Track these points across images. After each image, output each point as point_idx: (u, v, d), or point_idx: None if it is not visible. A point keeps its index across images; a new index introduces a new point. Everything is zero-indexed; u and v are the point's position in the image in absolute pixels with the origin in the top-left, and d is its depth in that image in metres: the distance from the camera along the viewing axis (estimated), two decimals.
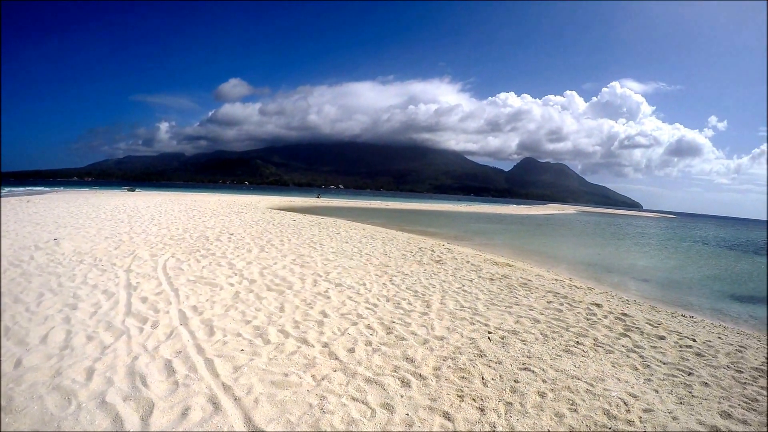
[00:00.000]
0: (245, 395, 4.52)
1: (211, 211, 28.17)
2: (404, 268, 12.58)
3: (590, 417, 4.78)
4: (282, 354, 5.63)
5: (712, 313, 12.75)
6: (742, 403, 5.59)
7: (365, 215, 43.01)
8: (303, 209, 44.85)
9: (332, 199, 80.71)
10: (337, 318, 7.34)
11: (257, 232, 17.80)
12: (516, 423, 4.50)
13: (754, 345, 8.69)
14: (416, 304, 8.78)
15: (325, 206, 57.35)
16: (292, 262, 11.84)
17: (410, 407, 4.58)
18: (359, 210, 54.44)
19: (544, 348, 6.88)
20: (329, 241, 17.06)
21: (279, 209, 39.45)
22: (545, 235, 39.55)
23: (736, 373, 6.69)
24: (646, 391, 5.68)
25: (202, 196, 53.64)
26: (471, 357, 6.15)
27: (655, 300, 13.53)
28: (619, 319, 9.26)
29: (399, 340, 6.57)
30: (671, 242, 42.96)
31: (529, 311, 9.08)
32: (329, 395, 4.65)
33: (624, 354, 7.07)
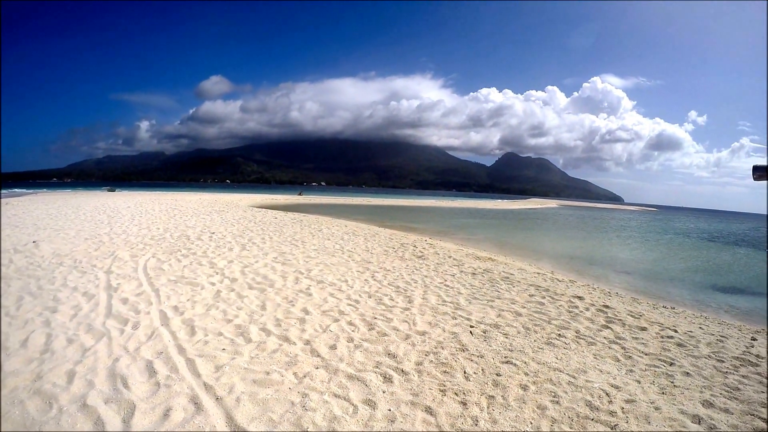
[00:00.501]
0: (227, 394, 4.50)
1: (192, 210, 28.02)
2: (386, 264, 12.60)
3: (572, 408, 4.81)
4: (264, 352, 5.61)
5: (693, 304, 12.86)
6: (724, 392, 5.65)
7: (347, 212, 43.00)
8: (285, 207, 44.75)
9: (314, 196, 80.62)
10: (318, 315, 7.33)
11: (238, 231, 17.74)
12: (498, 416, 4.53)
13: (734, 335, 8.79)
14: (398, 299, 8.79)
15: (308, 203, 57.28)
16: (273, 260, 11.81)
17: (392, 403, 4.59)
18: (341, 207, 54.42)
19: (526, 341, 6.92)
20: (311, 238, 17.04)
21: (261, 207, 39.33)
22: (527, 229, 39.71)
23: (717, 363, 6.77)
24: (628, 381, 5.72)
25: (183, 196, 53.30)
26: (453, 351, 6.17)
27: (636, 292, 13.65)
28: (601, 311, 9.32)
29: (381, 335, 6.57)
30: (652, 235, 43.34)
31: (511, 305, 9.12)
32: (311, 392, 4.65)
33: (606, 345, 7.12)
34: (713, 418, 4.87)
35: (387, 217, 40.20)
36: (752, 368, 6.70)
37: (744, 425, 4.81)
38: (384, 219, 36.43)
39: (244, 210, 31.30)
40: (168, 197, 46.39)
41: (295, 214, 31.37)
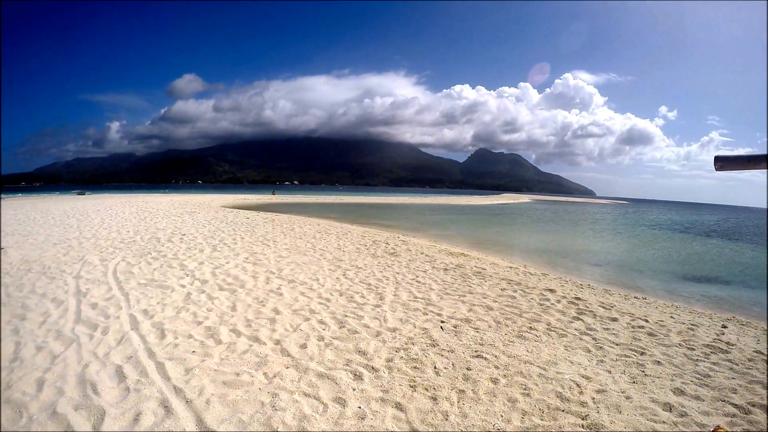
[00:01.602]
0: (197, 397, 4.48)
1: (163, 212, 27.76)
2: (358, 261, 12.61)
3: (543, 400, 4.85)
4: (234, 353, 5.59)
5: (665, 294, 13.04)
6: (695, 379, 5.74)
7: (320, 210, 42.93)
8: (257, 207, 44.53)
9: (287, 196, 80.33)
10: (289, 314, 7.31)
11: (210, 232, 17.65)
12: (469, 410, 4.55)
13: (705, 323, 8.95)
14: (369, 297, 8.80)
15: (280, 203, 57.11)
16: (244, 260, 11.76)
17: (362, 400, 4.60)
18: (314, 205, 54.29)
19: (497, 335, 6.96)
20: (283, 237, 17.00)
21: (233, 207, 39.15)
22: (500, 224, 39.93)
23: (688, 351, 6.87)
24: (599, 372, 5.79)
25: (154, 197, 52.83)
26: (423, 347, 6.19)
27: (608, 283, 13.81)
28: (573, 303, 9.41)
29: (351, 333, 6.58)
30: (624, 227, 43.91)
31: (483, 299, 9.17)
32: (281, 392, 4.64)
33: (577, 337, 7.19)
34: (684, 406, 4.94)
35: (360, 214, 40.19)
36: (723, 355, 6.82)
37: (715, 411, 4.89)
38: (357, 217, 36.43)
39: (216, 211, 31.13)
40: (139, 199, 45.96)
41: (268, 213, 31.30)
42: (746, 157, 2.11)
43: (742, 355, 6.93)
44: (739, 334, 8.31)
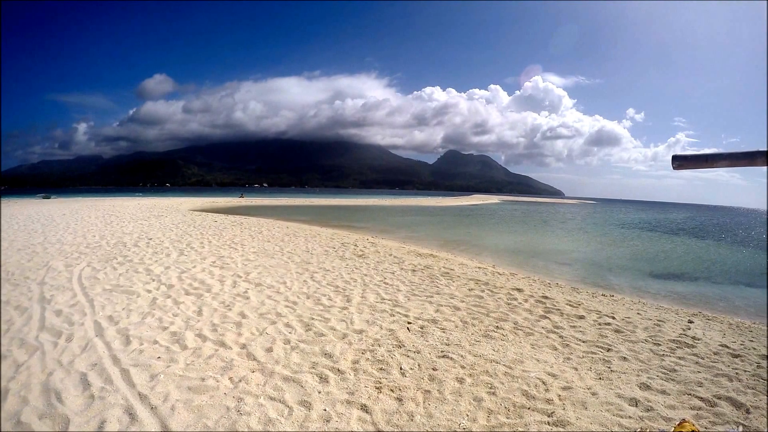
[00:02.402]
0: (162, 403, 4.45)
1: (129, 216, 27.45)
2: (326, 264, 12.61)
3: (509, 399, 4.90)
4: (199, 359, 5.55)
5: (632, 291, 13.25)
6: (661, 374, 5.85)
7: (290, 213, 42.82)
8: (226, 209, 44.29)
9: (256, 198, 79.91)
10: (255, 318, 7.28)
11: (177, 236, 17.50)
12: (434, 410, 4.58)
13: (672, 318, 9.12)
14: (337, 299, 8.81)
15: (249, 205, 56.81)
16: (211, 264, 11.70)
17: (328, 402, 4.60)
18: (284, 208, 54.12)
19: (464, 335, 7.01)
20: (251, 240, 16.95)
21: (201, 211, 38.84)
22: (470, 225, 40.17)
23: (654, 346, 7.00)
24: (565, 369, 5.86)
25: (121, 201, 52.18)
26: (389, 348, 6.22)
27: (577, 282, 13.99)
28: (540, 302, 9.52)
29: (318, 336, 6.58)
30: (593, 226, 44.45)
31: (450, 299, 9.24)
32: (246, 396, 4.62)
33: (543, 335, 7.27)
34: (650, 400, 5.02)
35: (329, 217, 40.15)
36: (688, 350, 6.96)
37: (681, 405, 4.97)
38: (326, 219, 36.39)
39: (184, 214, 30.86)
40: (105, 203, 45.39)
41: (236, 216, 31.16)
42: (703, 156, 2.18)
43: (708, 349, 7.08)
44: (705, 329, 8.49)
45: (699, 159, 2.20)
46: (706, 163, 2.17)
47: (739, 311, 11.81)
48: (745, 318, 10.77)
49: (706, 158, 2.18)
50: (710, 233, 43.70)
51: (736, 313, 11.35)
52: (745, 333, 8.71)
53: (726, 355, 6.86)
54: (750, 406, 5.02)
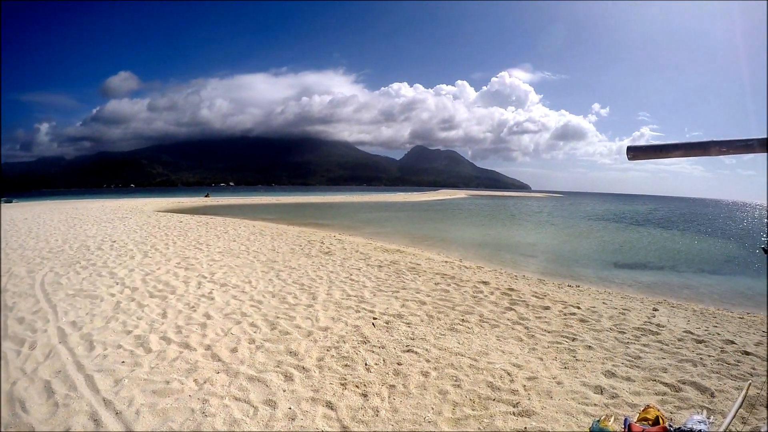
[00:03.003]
0: (126, 408, 4.41)
1: (93, 218, 27.03)
2: (292, 262, 12.59)
3: (474, 391, 4.94)
4: (164, 361, 5.52)
5: (598, 281, 13.46)
6: (626, 361, 5.96)
7: (256, 212, 42.59)
8: (191, 210, 43.91)
9: (222, 198, 79.29)
10: (220, 319, 7.25)
11: (141, 237, 17.31)
12: (399, 405, 4.61)
13: (637, 307, 9.30)
14: (302, 297, 8.81)
15: (215, 205, 56.37)
16: (176, 265, 11.60)
17: (293, 401, 4.61)
18: (250, 207, 53.82)
19: (429, 329, 7.06)
20: (216, 240, 16.87)
21: (166, 211, 38.41)
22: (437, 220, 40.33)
23: (619, 334, 7.14)
24: (530, 360, 5.94)
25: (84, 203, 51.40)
26: (354, 344, 6.25)
27: (543, 274, 14.15)
28: (506, 294, 9.61)
29: (283, 334, 6.58)
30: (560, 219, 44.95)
31: (416, 294, 9.30)
32: (211, 398, 4.61)
33: (509, 327, 7.35)
34: (615, 387, 5.10)
35: (296, 215, 40.08)
36: (653, 336, 7.11)
37: (646, 391, 5.07)
38: (293, 217, 36.31)
39: (149, 215, 30.48)
40: (68, 206, 44.65)
41: (202, 216, 30.91)
42: (657, 146, 2.24)
43: (672, 335, 7.23)
44: (670, 316, 8.66)
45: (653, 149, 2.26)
46: (660, 153, 2.23)
47: (704, 298, 12.07)
48: (709, 304, 11.02)
49: (661, 148, 2.24)
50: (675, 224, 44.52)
51: (700, 300, 11.60)
52: (709, 319, 8.91)
53: (690, 341, 7.01)
54: (714, 390, 5.13)
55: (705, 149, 2.10)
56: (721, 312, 9.93)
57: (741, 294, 13.13)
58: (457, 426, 4.31)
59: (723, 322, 8.77)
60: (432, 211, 55.09)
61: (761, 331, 8.14)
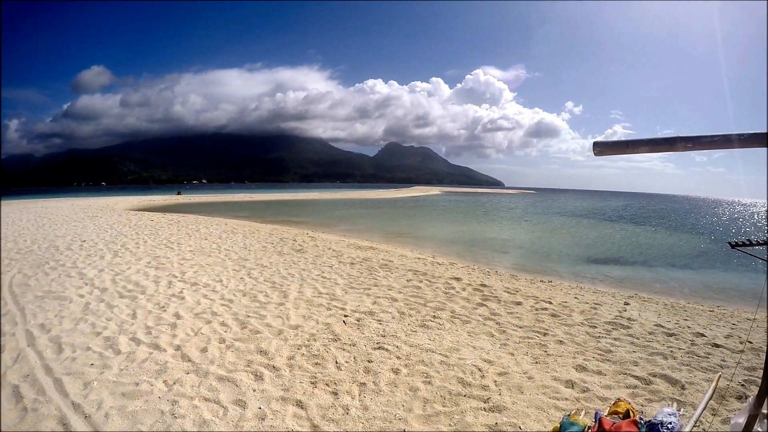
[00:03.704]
0: (95, 411, 4.37)
1: (63, 217, 26.60)
2: (263, 260, 12.56)
3: (445, 387, 4.98)
4: (133, 363, 5.47)
5: (571, 277, 13.61)
6: (597, 355, 6.05)
7: (229, 209, 42.32)
8: (163, 208, 43.45)
9: (194, 195, 78.51)
10: (190, 318, 7.21)
11: (111, 237, 17.11)
12: (370, 402, 4.63)
13: (608, 301, 9.42)
14: (273, 295, 8.79)
15: (187, 203, 55.91)
16: (146, 265, 11.50)
17: (263, 400, 4.61)
18: (223, 204, 53.52)
19: (400, 325, 7.10)
20: (188, 239, 16.76)
21: (137, 210, 38.00)
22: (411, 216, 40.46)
23: (590, 329, 7.24)
24: (502, 355, 5.99)
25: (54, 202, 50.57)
26: (325, 342, 6.25)
27: (516, 269, 14.27)
28: (478, 290, 9.68)
29: (253, 333, 6.56)
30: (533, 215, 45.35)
31: (388, 291, 9.33)
32: (181, 399, 4.59)
33: (480, 323, 7.41)
34: (586, 381, 5.18)
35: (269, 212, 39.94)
36: (624, 330, 7.23)
37: (617, 384, 5.16)
38: (266, 214, 36.20)
39: (119, 214, 30.13)
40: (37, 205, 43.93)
41: (173, 215, 30.67)
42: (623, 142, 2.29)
43: (643, 329, 7.36)
44: (641, 310, 8.81)
45: (619, 145, 2.31)
46: (626, 148, 2.27)
47: (675, 292, 12.29)
48: (680, 298, 11.23)
49: (627, 144, 2.29)
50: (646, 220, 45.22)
51: (671, 294, 11.80)
52: (679, 312, 9.07)
53: (661, 335, 7.14)
54: (685, 383, 5.23)
55: (671, 145, 2.15)
56: (691, 305, 10.11)
57: (711, 288, 13.41)
58: (428, 423, 4.34)
59: (693, 315, 8.93)
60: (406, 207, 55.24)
61: (731, 324, 8.31)
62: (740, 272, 16.23)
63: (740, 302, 11.29)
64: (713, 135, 2.12)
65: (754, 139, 2.17)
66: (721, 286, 13.83)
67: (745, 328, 7.93)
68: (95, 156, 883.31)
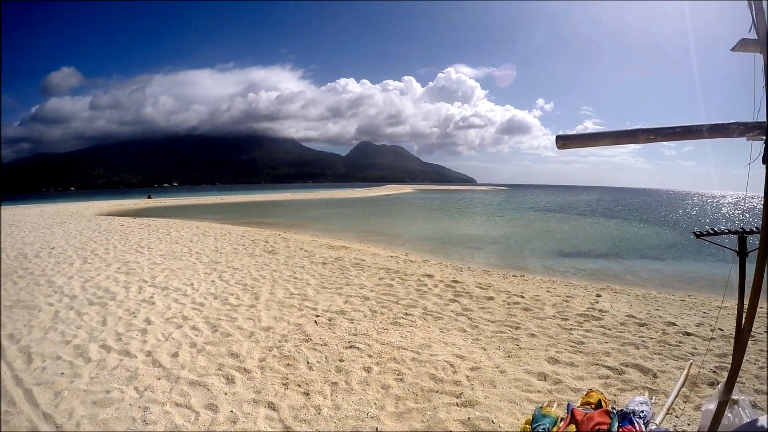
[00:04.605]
0: (66, 421, 4.34)
1: (31, 224, 26.20)
2: (235, 262, 12.52)
3: (416, 384, 5.02)
4: (104, 371, 5.42)
5: (543, 271, 13.73)
6: (569, 347, 6.14)
7: (201, 212, 41.99)
8: (134, 212, 42.95)
9: (165, 199, 77.78)
10: (161, 323, 7.16)
11: (80, 243, 16.90)
12: (341, 401, 4.65)
13: (580, 294, 9.54)
14: (245, 297, 8.77)
15: (158, 206, 55.24)
16: (116, 270, 11.38)
17: (234, 403, 4.61)
18: (194, 207, 53.00)
19: (372, 324, 7.14)
20: (158, 243, 16.62)
21: (108, 215, 37.59)
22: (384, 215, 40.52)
23: (562, 321, 7.34)
24: (474, 350, 6.05)
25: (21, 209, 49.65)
26: (297, 343, 6.26)
27: (489, 265, 14.35)
28: (450, 286, 9.75)
29: (225, 336, 6.54)
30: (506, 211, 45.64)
31: (360, 290, 9.36)
32: (152, 405, 4.57)
33: (452, 318, 7.48)
34: (558, 373, 5.25)
35: (241, 214, 39.75)
36: (596, 322, 7.35)
37: (589, 375, 5.24)
38: (238, 216, 36.03)
39: (89, 219, 29.77)
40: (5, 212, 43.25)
41: (144, 219, 30.38)
42: (586, 134, 2.34)
43: (615, 320, 7.48)
44: (613, 302, 8.93)
45: (582, 138, 2.36)
46: (589, 141, 2.33)
47: (646, 283, 12.46)
48: (651, 289, 11.38)
49: (590, 137, 2.34)
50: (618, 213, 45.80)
51: (643, 285, 11.96)
52: (651, 303, 9.20)
53: (632, 325, 7.26)
54: (657, 371, 5.34)
55: (634, 137, 2.22)
56: (662, 296, 10.25)
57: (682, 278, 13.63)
58: (400, 420, 4.37)
59: (665, 305, 9.07)
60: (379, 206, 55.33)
61: (702, 312, 8.46)
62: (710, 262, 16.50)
63: (711, 291, 11.46)
64: (675, 126, 2.20)
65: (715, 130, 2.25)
66: (692, 276, 14.06)
67: (716, 316, 8.06)
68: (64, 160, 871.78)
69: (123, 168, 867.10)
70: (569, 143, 2.35)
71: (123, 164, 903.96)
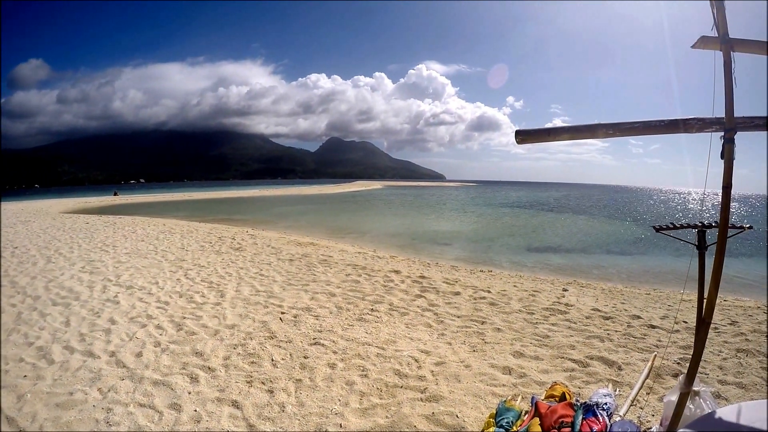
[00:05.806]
0: (29, 424, 4.30)
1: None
2: (201, 260, 12.47)
3: (381, 380, 5.07)
4: (67, 372, 5.37)
5: (511, 266, 13.92)
6: (534, 341, 6.24)
7: (167, 209, 41.54)
8: (100, 210, 42.29)
9: (132, 196, 76.78)
10: (125, 323, 7.10)
11: (44, 242, 16.62)
12: (306, 398, 4.68)
13: (547, 288, 9.68)
14: (210, 295, 8.75)
15: (124, 204, 54.58)
16: (80, 270, 11.24)
17: (198, 403, 4.61)
18: (161, 204, 52.50)
19: (337, 320, 7.18)
20: (123, 241, 16.44)
21: (73, 212, 36.95)
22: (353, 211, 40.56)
23: (528, 315, 7.46)
24: (439, 345, 6.13)
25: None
26: (261, 341, 6.28)
27: (457, 260, 14.49)
28: (417, 282, 9.83)
29: (189, 335, 6.53)
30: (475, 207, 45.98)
31: (326, 286, 9.40)
32: (116, 406, 4.55)
33: (418, 314, 7.55)
34: (523, 367, 5.33)
35: (209, 211, 39.40)
36: (561, 316, 7.48)
37: (554, 369, 5.33)
38: (205, 213, 35.73)
39: (53, 218, 29.22)
40: None
41: (110, 216, 29.97)
42: (545, 129, 2.41)
43: (580, 314, 7.62)
44: (579, 296, 9.09)
45: (541, 133, 2.43)
46: (548, 136, 2.40)
47: (612, 277, 12.70)
48: (617, 283, 11.60)
49: (549, 132, 2.41)
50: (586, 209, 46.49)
51: (609, 279, 12.19)
52: (617, 296, 9.39)
53: (598, 318, 7.40)
54: (621, 363, 5.45)
55: (592, 132, 2.29)
56: (628, 290, 10.45)
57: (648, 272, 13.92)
58: (365, 416, 4.41)
59: (630, 298, 9.25)
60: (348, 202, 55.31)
61: (666, 305, 8.64)
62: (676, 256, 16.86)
63: (676, 284, 11.71)
64: (633, 121, 2.28)
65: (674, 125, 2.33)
66: (658, 270, 14.36)
67: (680, 309, 8.23)
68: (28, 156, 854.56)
69: (89, 164, 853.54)
70: (528, 138, 2.42)
71: (89, 160, 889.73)
